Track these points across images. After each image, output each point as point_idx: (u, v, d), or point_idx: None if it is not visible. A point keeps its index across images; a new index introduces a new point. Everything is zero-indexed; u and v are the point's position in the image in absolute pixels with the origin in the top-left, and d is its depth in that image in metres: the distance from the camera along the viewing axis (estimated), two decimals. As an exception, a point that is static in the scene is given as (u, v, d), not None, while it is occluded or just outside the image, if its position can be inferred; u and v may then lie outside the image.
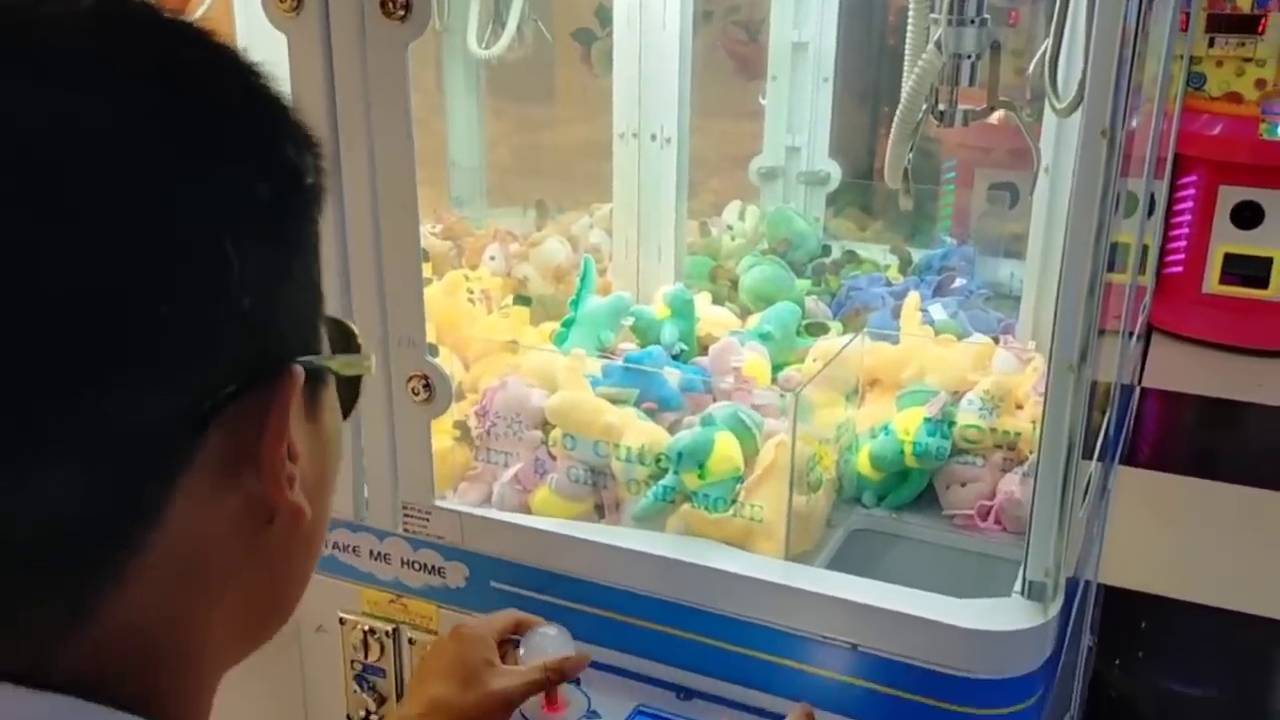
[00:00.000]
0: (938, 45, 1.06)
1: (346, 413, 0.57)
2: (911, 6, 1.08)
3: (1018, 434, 1.30)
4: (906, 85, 1.09)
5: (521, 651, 1.01)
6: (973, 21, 1.04)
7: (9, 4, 0.44)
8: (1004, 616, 1.02)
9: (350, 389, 0.57)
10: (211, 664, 0.52)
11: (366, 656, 1.25)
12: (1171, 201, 4.40)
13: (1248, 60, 4.17)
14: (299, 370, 0.48)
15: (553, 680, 0.98)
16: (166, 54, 0.46)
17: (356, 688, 1.27)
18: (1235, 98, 4.22)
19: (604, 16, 2.63)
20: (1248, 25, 4.14)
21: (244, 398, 0.46)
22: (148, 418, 0.43)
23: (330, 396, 0.54)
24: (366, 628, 1.24)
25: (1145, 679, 2.67)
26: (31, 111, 0.41)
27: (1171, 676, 2.70)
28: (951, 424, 1.32)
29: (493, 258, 1.79)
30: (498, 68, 2.04)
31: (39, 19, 0.44)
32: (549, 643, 1.01)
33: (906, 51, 1.09)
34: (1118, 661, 2.63)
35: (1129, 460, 3.58)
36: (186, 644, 0.49)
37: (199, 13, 1.62)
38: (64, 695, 0.45)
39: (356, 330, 0.57)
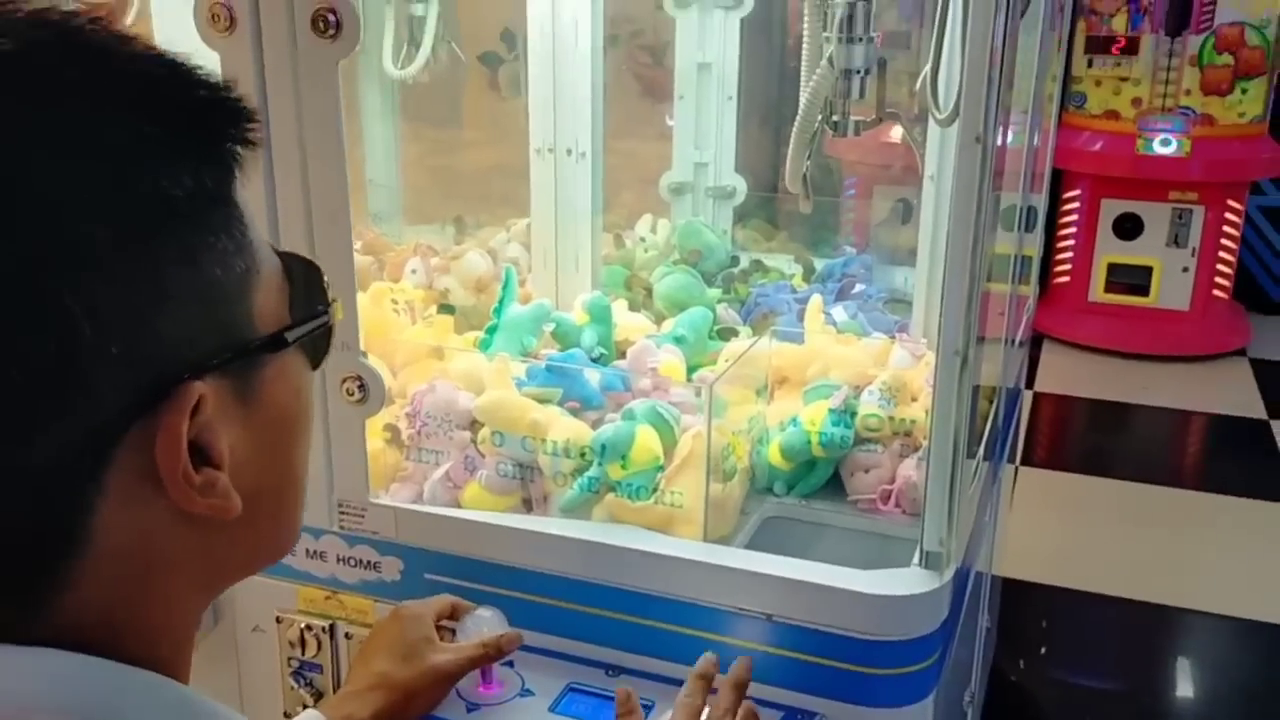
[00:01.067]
0: (830, 61, 1.16)
1: (316, 363, 0.59)
2: (805, 25, 1.18)
3: (914, 422, 1.40)
4: (803, 98, 1.19)
5: (457, 633, 1.07)
6: (861, 39, 1.14)
7: None
8: (903, 583, 1.11)
9: (317, 343, 0.58)
10: (194, 608, 0.56)
11: (304, 653, 1.29)
12: (1057, 215, 4.64)
13: (1124, 80, 4.42)
14: (194, 386, 0.49)
15: (490, 655, 1.04)
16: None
17: (294, 684, 1.31)
18: (1114, 115, 4.47)
19: (509, 40, 2.70)
20: (1123, 47, 4.39)
21: (140, 421, 0.48)
22: (42, 461, 0.46)
23: (278, 369, 0.55)
24: (304, 625, 1.28)
25: (1047, 673, 2.81)
26: None
27: (1071, 669, 2.84)
28: (854, 415, 1.42)
29: (414, 271, 1.84)
30: (408, 89, 2.11)
31: None
32: (484, 623, 1.07)
33: (803, 67, 1.19)
34: (1021, 661, 2.76)
35: (1025, 460, 3.76)
36: (150, 615, 0.53)
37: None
38: (53, 648, 0.49)
39: (325, 273, 0.58)
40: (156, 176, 0.47)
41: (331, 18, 1.05)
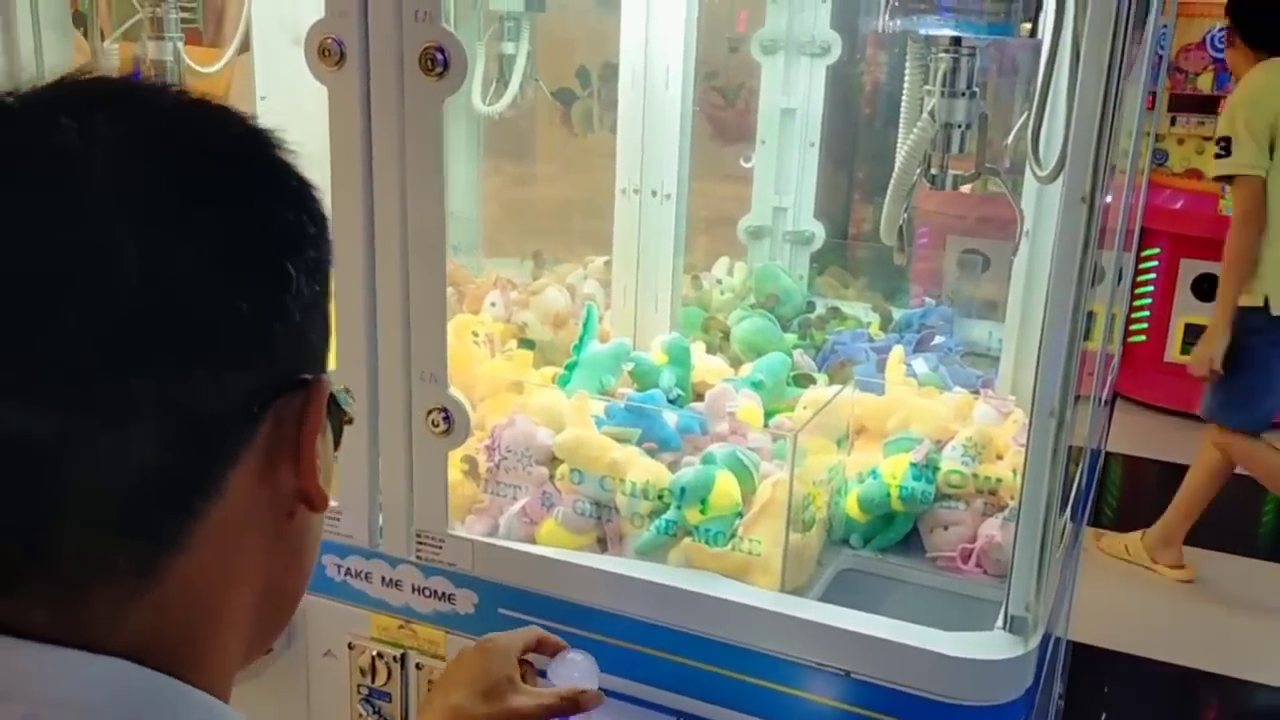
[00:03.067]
0: (931, 115, 1.15)
1: (336, 444, 0.66)
2: (906, 78, 1.18)
3: (999, 480, 1.38)
4: (901, 151, 1.18)
5: (549, 673, 1.05)
6: (963, 94, 1.14)
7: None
8: (988, 647, 1.09)
9: (339, 432, 0.66)
10: (232, 653, 0.59)
11: (374, 680, 1.30)
12: (1136, 273, 4.56)
13: (1207, 139, 4.35)
14: (327, 380, 0.59)
15: (567, 709, 1.02)
16: (239, 125, 0.59)
17: (362, 711, 1.31)
18: (1196, 174, 4.40)
19: (584, 78, 2.73)
20: (1207, 105, 4.33)
21: (287, 396, 0.56)
22: (219, 400, 0.53)
23: (328, 422, 0.63)
24: (375, 652, 1.29)
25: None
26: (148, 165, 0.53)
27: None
28: (936, 470, 1.40)
29: (493, 304, 1.85)
30: (488, 123, 2.14)
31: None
32: (575, 668, 1.05)
33: (901, 119, 1.18)
34: None
35: (1094, 521, 3.67)
36: (224, 618, 0.57)
37: (221, 64, 1.70)
38: (123, 658, 0.52)
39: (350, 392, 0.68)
40: (328, 225, 0.61)
41: (440, 56, 1.07)
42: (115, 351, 0.50)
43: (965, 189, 2.26)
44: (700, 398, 1.54)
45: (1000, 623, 1.12)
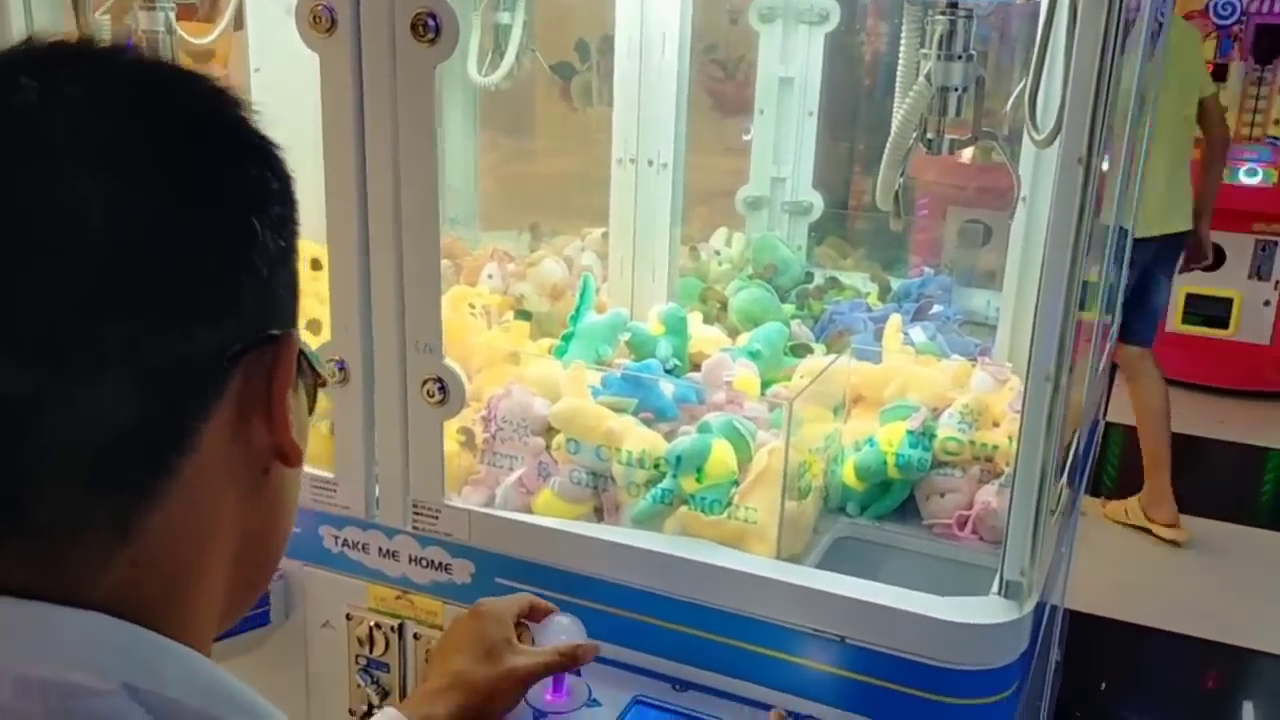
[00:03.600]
0: (928, 78, 1.14)
1: (310, 406, 0.66)
2: (903, 41, 1.17)
3: (995, 447, 1.38)
4: (897, 115, 1.17)
5: (536, 637, 1.06)
6: (960, 57, 1.13)
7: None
8: (984, 612, 1.09)
9: (312, 394, 0.66)
10: (216, 606, 0.60)
11: (371, 651, 1.30)
12: (1136, 242, 4.54)
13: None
14: (296, 335, 0.59)
15: (566, 664, 1.03)
16: (207, 87, 0.59)
17: (360, 682, 1.32)
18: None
19: (583, 51, 2.71)
20: (1214, 73, 4.29)
21: (258, 350, 0.56)
22: (189, 354, 0.53)
23: (301, 381, 0.63)
24: (373, 623, 1.29)
25: (1109, 709, 2.74)
26: (114, 120, 0.53)
27: (1133, 707, 2.77)
28: (932, 437, 1.40)
29: (490, 276, 1.85)
30: (486, 95, 2.12)
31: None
32: (563, 630, 1.06)
33: (897, 84, 1.17)
34: (1084, 697, 2.70)
35: (1094, 491, 3.68)
36: (202, 574, 0.58)
37: (214, 35, 1.69)
38: (104, 614, 0.52)
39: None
40: (292, 183, 0.61)
41: (431, 22, 1.06)
42: (84, 307, 0.50)
43: (965, 159, 2.26)
44: (697, 368, 1.54)
45: (995, 588, 1.12)
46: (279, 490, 0.62)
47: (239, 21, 1.69)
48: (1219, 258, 3.95)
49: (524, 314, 1.71)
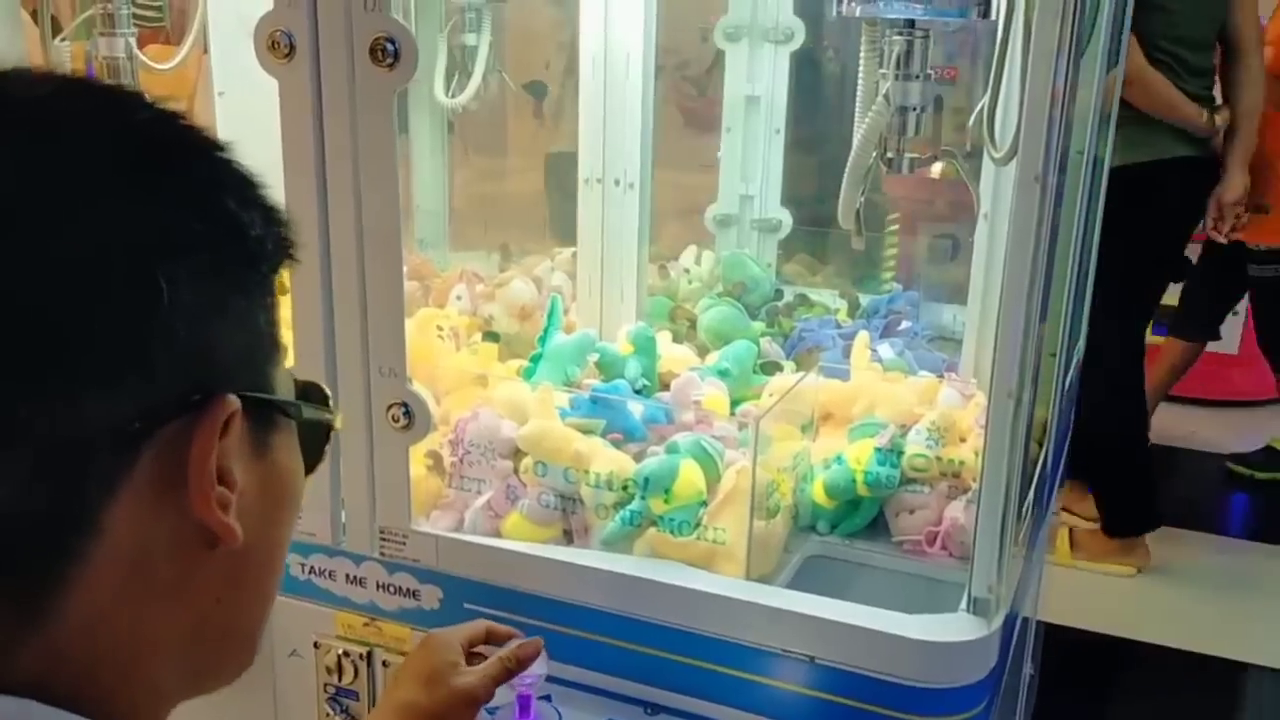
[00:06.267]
0: (886, 98, 1.15)
1: (310, 467, 0.61)
2: (862, 61, 1.18)
3: (962, 463, 1.38)
4: (858, 135, 1.18)
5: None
6: (917, 77, 1.13)
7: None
8: (951, 629, 1.09)
9: (314, 442, 0.61)
10: (166, 686, 0.55)
11: (340, 679, 1.29)
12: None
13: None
14: (232, 400, 0.52)
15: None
16: (122, 120, 0.53)
17: (330, 710, 1.30)
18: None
19: (554, 70, 2.71)
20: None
21: (178, 421, 0.50)
22: (85, 429, 0.48)
23: (287, 440, 0.58)
24: (341, 651, 1.28)
25: None
26: None
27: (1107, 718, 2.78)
28: (900, 454, 1.40)
29: (459, 297, 1.84)
30: (455, 116, 2.12)
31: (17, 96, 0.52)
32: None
33: (857, 103, 1.18)
34: (1060, 710, 2.71)
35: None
36: (138, 658, 0.53)
37: (175, 60, 1.68)
38: (21, 697, 0.48)
39: (329, 393, 0.63)
40: (243, 224, 0.55)
41: (390, 46, 1.06)
42: None
43: (935, 175, 2.27)
44: (667, 387, 1.54)
45: (963, 605, 1.13)
46: (239, 564, 0.55)
47: (207, 42, 1.68)
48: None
49: (492, 335, 1.71)
